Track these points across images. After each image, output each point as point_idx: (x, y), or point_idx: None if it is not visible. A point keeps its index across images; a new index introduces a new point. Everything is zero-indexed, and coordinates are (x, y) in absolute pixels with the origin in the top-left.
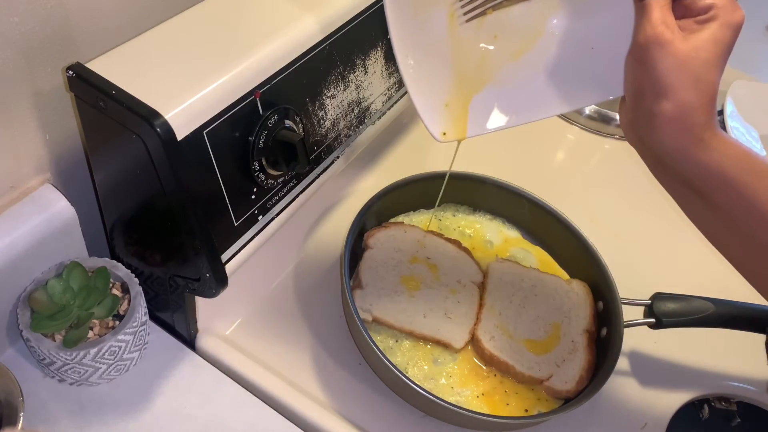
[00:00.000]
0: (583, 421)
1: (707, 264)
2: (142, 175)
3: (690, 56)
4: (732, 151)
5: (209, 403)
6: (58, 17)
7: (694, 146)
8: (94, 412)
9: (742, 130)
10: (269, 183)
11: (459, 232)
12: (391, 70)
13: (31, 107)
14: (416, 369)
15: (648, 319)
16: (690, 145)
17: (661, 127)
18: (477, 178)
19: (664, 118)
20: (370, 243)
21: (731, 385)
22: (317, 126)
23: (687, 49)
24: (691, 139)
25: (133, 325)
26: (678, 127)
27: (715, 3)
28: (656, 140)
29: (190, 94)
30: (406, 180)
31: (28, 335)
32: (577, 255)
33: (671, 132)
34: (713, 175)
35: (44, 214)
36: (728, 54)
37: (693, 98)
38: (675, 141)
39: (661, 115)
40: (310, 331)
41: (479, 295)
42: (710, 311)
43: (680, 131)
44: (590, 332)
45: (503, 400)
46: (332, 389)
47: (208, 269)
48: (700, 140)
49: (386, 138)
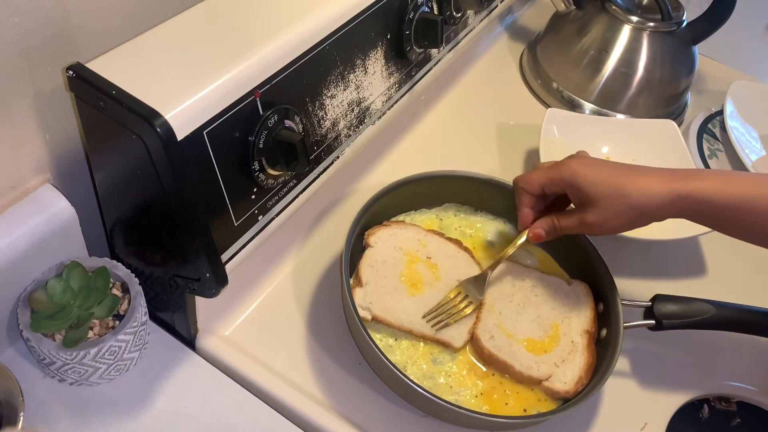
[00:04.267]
0: (583, 421)
1: (708, 266)
2: (142, 175)
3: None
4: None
5: (209, 403)
6: (58, 17)
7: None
8: (94, 412)
9: (742, 130)
10: (269, 183)
11: (460, 231)
12: (391, 70)
13: (31, 107)
14: (415, 368)
15: (648, 321)
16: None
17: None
18: (479, 178)
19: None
20: (370, 241)
21: (731, 385)
22: (317, 126)
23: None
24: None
25: (133, 325)
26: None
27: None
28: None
29: (190, 94)
30: (406, 180)
31: (28, 335)
32: (577, 256)
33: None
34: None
35: (44, 214)
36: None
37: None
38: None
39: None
40: (310, 331)
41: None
42: (710, 313)
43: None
44: (590, 333)
45: (502, 400)
46: (332, 389)
47: (208, 269)
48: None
49: (386, 138)
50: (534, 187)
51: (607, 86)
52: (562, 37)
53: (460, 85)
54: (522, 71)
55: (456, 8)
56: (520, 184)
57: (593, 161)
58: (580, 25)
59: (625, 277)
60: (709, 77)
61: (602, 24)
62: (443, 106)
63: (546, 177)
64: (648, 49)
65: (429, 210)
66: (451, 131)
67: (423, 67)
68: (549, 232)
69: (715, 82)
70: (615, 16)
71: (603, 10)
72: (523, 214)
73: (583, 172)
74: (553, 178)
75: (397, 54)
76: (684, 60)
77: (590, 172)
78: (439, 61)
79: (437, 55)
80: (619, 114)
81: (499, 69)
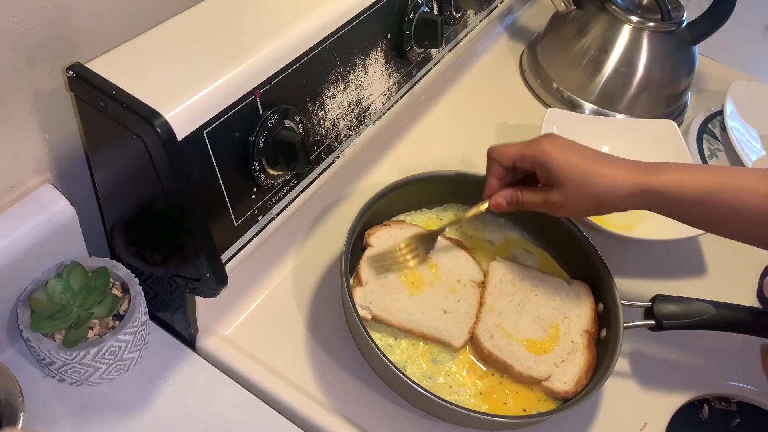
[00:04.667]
0: (583, 421)
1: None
2: (142, 175)
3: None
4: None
5: (209, 403)
6: (58, 17)
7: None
8: (94, 412)
9: (742, 130)
10: (269, 183)
11: (460, 231)
12: (391, 70)
13: (31, 107)
14: (415, 367)
15: (648, 321)
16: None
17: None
18: (479, 178)
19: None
20: (371, 241)
21: (731, 385)
22: (317, 126)
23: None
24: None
25: (133, 325)
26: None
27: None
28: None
29: (190, 94)
30: (406, 180)
31: (28, 335)
32: (577, 256)
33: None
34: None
35: (44, 214)
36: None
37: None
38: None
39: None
40: (310, 331)
41: (479, 295)
42: (710, 314)
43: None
44: (590, 333)
45: (501, 400)
46: (332, 389)
47: (208, 269)
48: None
49: (386, 138)
50: (505, 159)
51: (607, 86)
52: (562, 37)
53: (460, 85)
54: (522, 71)
55: (456, 8)
56: (493, 154)
57: (566, 144)
58: (580, 25)
59: (625, 277)
60: (709, 77)
61: (602, 24)
62: (443, 106)
63: (518, 152)
64: (648, 49)
65: (429, 210)
66: (451, 131)
67: (423, 67)
68: (510, 203)
69: (715, 82)
70: (615, 16)
71: (603, 10)
72: (490, 184)
73: (554, 153)
74: (525, 155)
75: (397, 54)
76: (684, 60)
77: (561, 155)
78: (439, 61)
79: (437, 55)
80: (619, 114)
81: (499, 69)
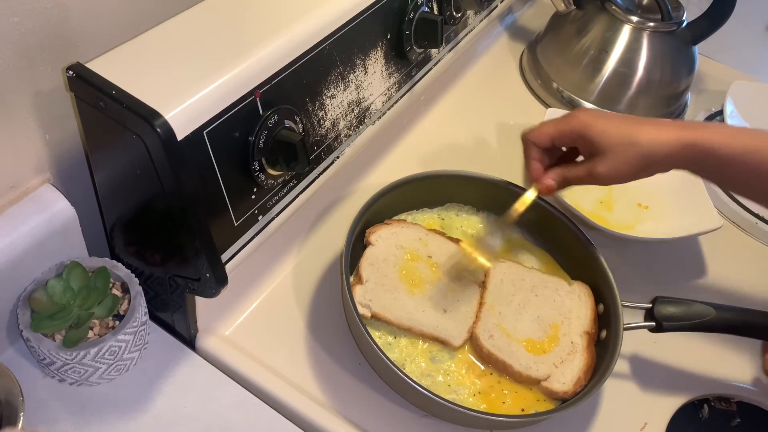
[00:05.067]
0: (583, 421)
1: (708, 266)
2: (142, 175)
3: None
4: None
5: (209, 403)
6: (58, 17)
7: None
8: (94, 412)
9: None
10: (269, 183)
11: (461, 231)
12: (391, 70)
13: (31, 107)
14: (413, 366)
15: (648, 323)
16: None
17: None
18: (480, 178)
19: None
20: (371, 239)
21: (731, 385)
22: (317, 126)
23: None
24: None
25: (133, 325)
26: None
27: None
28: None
29: (190, 94)
30: (408, 179)
31: (28, 335)
32: (578, 257)
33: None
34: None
35: (44, 214)
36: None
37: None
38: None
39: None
40: (310, 331)
41: (479, 294)
42: (711, 316)
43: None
44: (590, 334)
45: (500, 399)
46: (332, 389)
47: (208, 269)
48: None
49: (386, 138)
50: (544, 140)
51: (607, 86)
52: (562, 37)
53: (460, 85)
54: (522, 71)
55: (456, 8)
56: (530, 137)
57: (601, 112)
58: (580, 25)
59: (625, 277)
60: (709, 77)
61: (602, 24)
62: (443, 106)
63: (556, 129)
64: (648, 49)
65: (431, 209)
66: (452, 131)
67: (423, 67)
68: (560, 183)
69: (715, 82)
70: (615, 16)
71: (603, 10)
72: (534, 168)
73: (593, 122)
74: (563, 130)
75: (397, 54)
76: (684, 60)
77: (600, 123)
78: (439, 61)
79: (437, 55)
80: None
81: (499, 69)
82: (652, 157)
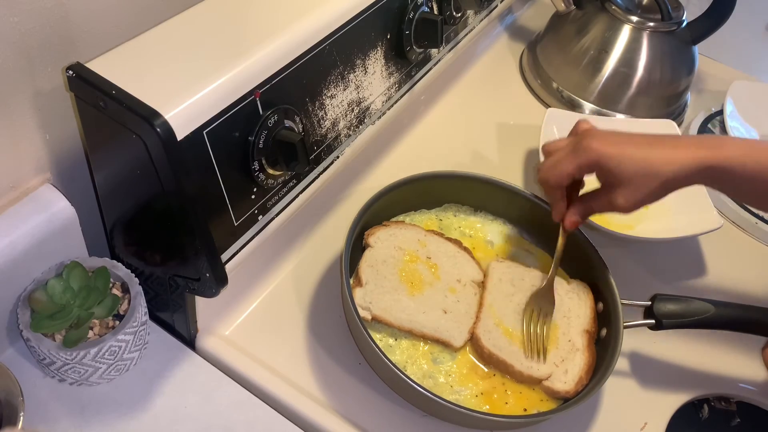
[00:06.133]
0: (583, 421)
1: (708, 266)
2: (142, 175)
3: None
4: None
5: (209, 403)
6: (58, 17)
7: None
8: (94, 412)
9: (742, 130)
10: (269, 183)
11: (460, 231)
12: (391, 70)
13: (31, 107)
14: (415, 367)
15: (648, 320)
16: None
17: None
18: (479, 178)
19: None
20: (370, 241)
21: (731, 384)
22: (317, 126)
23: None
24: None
25: (133, 325)
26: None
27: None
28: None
29: (190, 94)
30: (406, 180)
31: (28, 335)
32: (577, 255)
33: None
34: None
35: (44, 214)
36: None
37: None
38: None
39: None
40: (310, 331)
41: (479, 295)
42: (710, 313)
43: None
44: (590, 333)
45: (502, 399)
46: (332, 389)
47: (208, 269)
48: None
49: (386, 138)
50: (567, 181)
51: (607, 86)
52: (562, 37)
53: (460, 85)
54: (522, 71)
55: (456, 8)
56: (551, 181)
57: (612, 137)
58: (580, 25)
59: (625, 276)
60: (709, 77)
61: (602, 24)
62: (443, 106)
63: (575, 166)
64: (648, 49)
65: (429, 210)
66: (451, 131)
67: (423, 67)
68: (583, 216)
69: (715, 82)
70: (615, 16)
71: (603, 10)
72: (557, 207)
73: (608, 152)
74: (581, 165)
75: (397, 54)
76: (684, 60)
77: (615, 151)
78: (439, 61)
79: (437, 55)
80: (619, 114)
81: (499, 69)
82: (672, 183)
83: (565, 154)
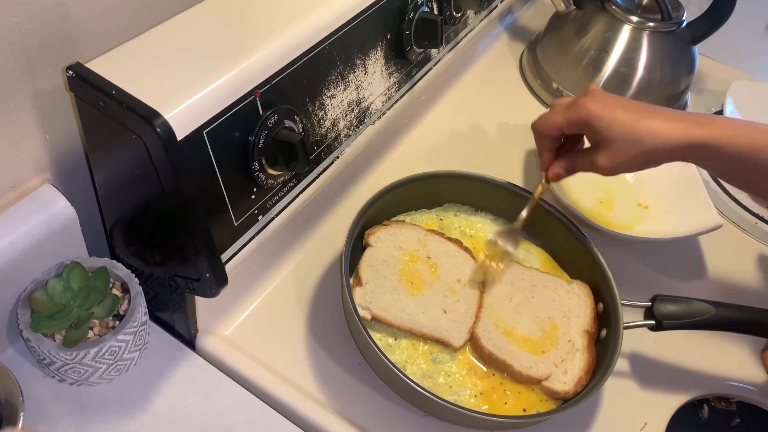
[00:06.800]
0: (582, 421)
1: (708, 266)
2: (142, 175)
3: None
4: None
5: (209, 403)
6: (58, 17)
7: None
8: (94, 412)
9: None
10: (269, 183)
11: (460, 231)
12: (391, 70)
13: (31, 107)
14: (415, 367)
15: (648, 321)
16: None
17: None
18: (479, 178)
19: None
20: (370, 241)
21: (731, 385)
22: (317, 126)
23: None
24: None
25: (133, 325)
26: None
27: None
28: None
29: (190, 94)
30: (406, 179)
31: (28, 335)
32: (577, 256)
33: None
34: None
35: (44, 214)
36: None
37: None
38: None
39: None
40: (310, 331)
41: (479, 295)
42: (710, 314)
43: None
44: (590, 333)
45: (501, 400)
46: (332, 389)
47: (208, 269)
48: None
49: (386, 138)
50: (555, 132)
51: (607, 86)
52: (562, 37)
53: (460, 85)
54: (522, 71)
55: (456, 8)
56: (540, 128)
57: (608, 100)
58: (580, 25)
59: (625, 277)
60: (709, 77)
61: (602, 24)
62: (443, 106)
63: (564, 119)
64: (648, 49)
65: (429, 210)
66: (451, 131)
67: (423, 67)
68: (568, 170)
69: (715, 82)
70: (615, 16)
71: (603, 10)
72: (544, 158)
73: (599, 112)
74: (570, 120)
75: (397, 54)
76: (684, 60)
77: (606, 113)
78: (439, 61)
79: (437, 55)
80: None
81: (499, 69)
82: (655, 154)
83: (560, 108)
